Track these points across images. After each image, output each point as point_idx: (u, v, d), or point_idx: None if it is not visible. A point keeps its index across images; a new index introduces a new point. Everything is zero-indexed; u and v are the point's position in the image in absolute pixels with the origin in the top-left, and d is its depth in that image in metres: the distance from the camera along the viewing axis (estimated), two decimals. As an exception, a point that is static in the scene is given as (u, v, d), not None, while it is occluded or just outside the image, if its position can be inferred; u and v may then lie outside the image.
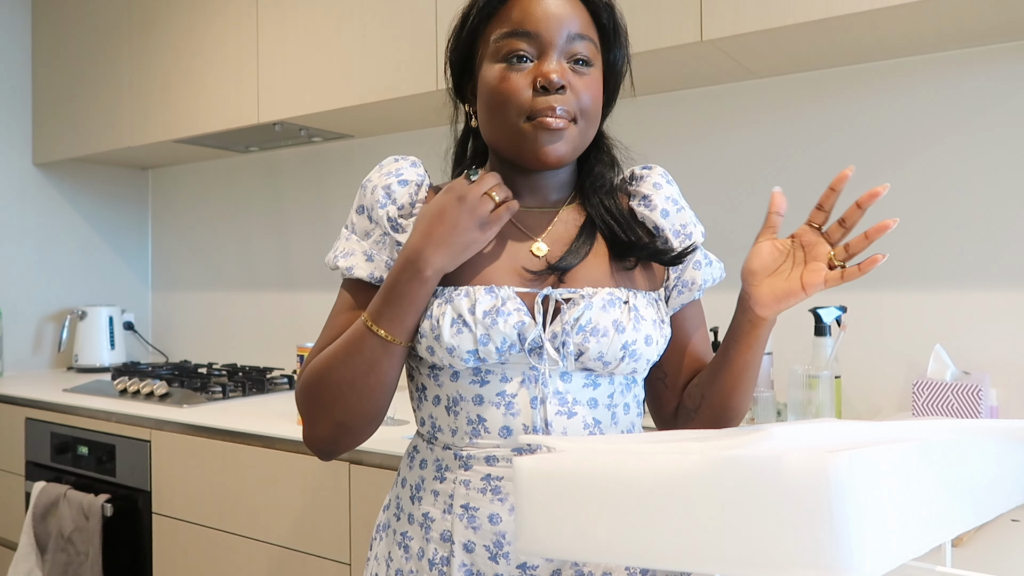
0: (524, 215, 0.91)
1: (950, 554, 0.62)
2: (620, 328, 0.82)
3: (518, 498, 0.59)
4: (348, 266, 0.89)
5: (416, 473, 0.90)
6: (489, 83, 0.85)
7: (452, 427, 0.86)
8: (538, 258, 0.87)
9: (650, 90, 1.83)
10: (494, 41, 0.85)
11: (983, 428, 0.68)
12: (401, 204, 0.89)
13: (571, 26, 0.84)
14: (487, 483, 0.83)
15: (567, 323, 0.81)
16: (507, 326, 0.80)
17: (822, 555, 0.46)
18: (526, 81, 0.83)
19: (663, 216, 0.92)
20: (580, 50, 0.85)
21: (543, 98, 0.83)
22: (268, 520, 1.63)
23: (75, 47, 2.62)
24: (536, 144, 0.84)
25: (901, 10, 1.30)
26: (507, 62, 0.84)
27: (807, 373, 1.45)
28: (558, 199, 0.93)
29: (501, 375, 0.83)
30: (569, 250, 0.87)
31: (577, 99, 0.84)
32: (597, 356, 0.82)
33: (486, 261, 0.86)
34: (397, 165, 0.92)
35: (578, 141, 0.86)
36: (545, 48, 0.84)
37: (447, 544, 0.84)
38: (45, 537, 1.97)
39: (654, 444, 0.63)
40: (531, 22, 0.84)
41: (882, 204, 1.60)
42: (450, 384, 0.85)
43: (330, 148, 2.47)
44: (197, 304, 2.88)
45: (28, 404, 2.16)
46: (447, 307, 0.82)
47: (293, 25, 2.05)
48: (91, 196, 2.90)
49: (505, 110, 0.84)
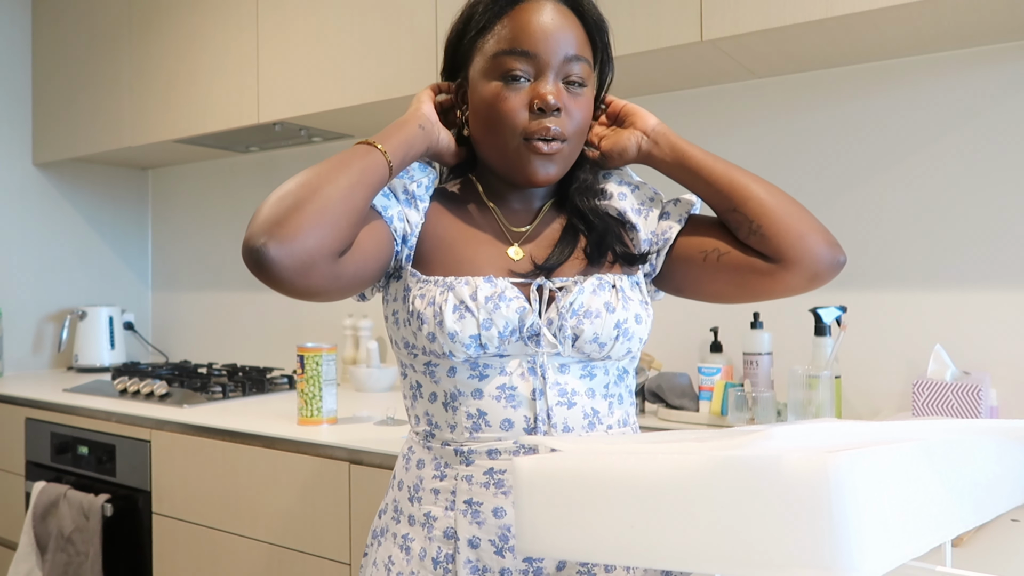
0: (510, 216, 0.94)
1: (950, 554, 0.62)
2: (611, 308, 0.85)
3: (518, 498, 0.59)
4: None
5: (414, 474, 0.89)
6: (486, 100, 0.87)
7: (451, 423, 0.86)
8: (518, 261, 0.90)
9: (650, 90, 1.83)
10: (492, 57, 0.86)
11: (983, 428, 0.68)
12: (419, 181, 0.91)
13: (568, 47, 0.86)
14: (490, 477, 0.83)
15: (563, 307, 0.84)
16: (509, 311, 0.82)
17: (822, 555, 0.46)
18: (522, 101, 0.85)
19: (621, 199, 0.94)
20: (575, 72, 0.87)
21: (539, 120, 0.85)
22: (268, 520, 1.63)
23: (75, 47, 2.62)
24: (528, 166, 0.86)
25: (901, 10, 1.30)
26: (503, 81, 0.86)
27: (807, 373, 1.45)
28: (542, 202, 0.96)
29: (500, 368, 0.85)
30: (553, 252, 0.90)
31: (571, 120, 0.87)
32: (592, 338, 0.84)
33: (476, 262, 0.88)
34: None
35: (567, 160, 0.89)
36: (542, 69, 0.85)
37: (451, 541, 0.84)
38: (45, 537, 1.97)
39: (654, 444, 0.63)
40: (529, 42, 0.85)
41: (883, 204, 1.60)
42: (447, 380, 0.86)
43: (330, 148, 2.47)
44: (197, 304, 2.88)
45: (28, 404, 2.16)
46: (449, 294, 0.83)
47: (293, 25, 2.05)
48: (91, 196, 2.90)
49: (501, 129, 0.86)
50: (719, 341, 1.71)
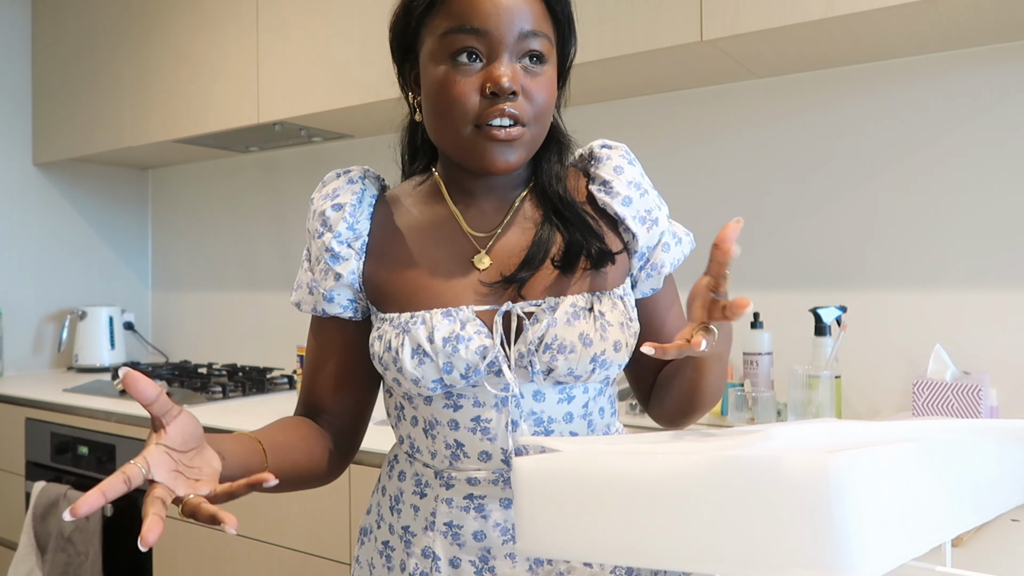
0: (477, 216, 0.85)
1: (950, 554, 0.62)
2: (587, 342, 0.78)
3: (518, 498, 0.59)
4: (296, 301, 0.89)
5: (395, 484, 0.88)
6: (433, 84, 0.78)
7: (431, 450, 0.83)
8: (484, 271, 0.82)
9: (650, 90, 1.83)
10: (440, 36, 0.77)
11: (983, 428, 0.68)
12: (337, 231, 0.83)
13: (523, 22, 0.76)
14: (470, 501, 0.81)
15: (531, 343, 0.77)
16: (468, 352, 0.77)
17: (822, 555, 0.46)
18: (473, 85, 0.76)
19: (625, 204, 0.85)
20: (534, 47, 0.77)
21: (492, 104, 0.75)
22: (268, 520, 1.63)
23: (75, 47, 2.62)
24: (484, 153, 0.77)
25: (901, 10, 1.30)
26: (452, 62, 0.76)
27: (807, 373, 1.45)
28: (514, 195, 0.87)
29: (474, 399, 0.80)
30: (525, 259, 0.81)
31: (530, 103, 0.77)
32: (567, 372, 0.79)
33: (439, 275, 0.81)
34: (335, 185, 0.86)
35: (530, 145, 0.80)
36: (495, 48, 0.76)
37: (428, 560, 0.82)
38: (45, 537, 1.97)
39: (654, 444, 0.63)
40: (479, 17, 0.75)
41: (883, 204, 1.60)
42: (424, 408, 0.83)
43: (330, 148, 2.47)
44: (197, 304, 2.88)
45: (28, 404, 2.16)
46: (405, 337, 0.78)
47: (293, 25, 2.05)
48: (91, 196, 2.90)
49: (450, 116, 0.77)
50: (719, 341, 1.71)
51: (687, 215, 1.37)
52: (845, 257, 1.64)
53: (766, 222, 1.73)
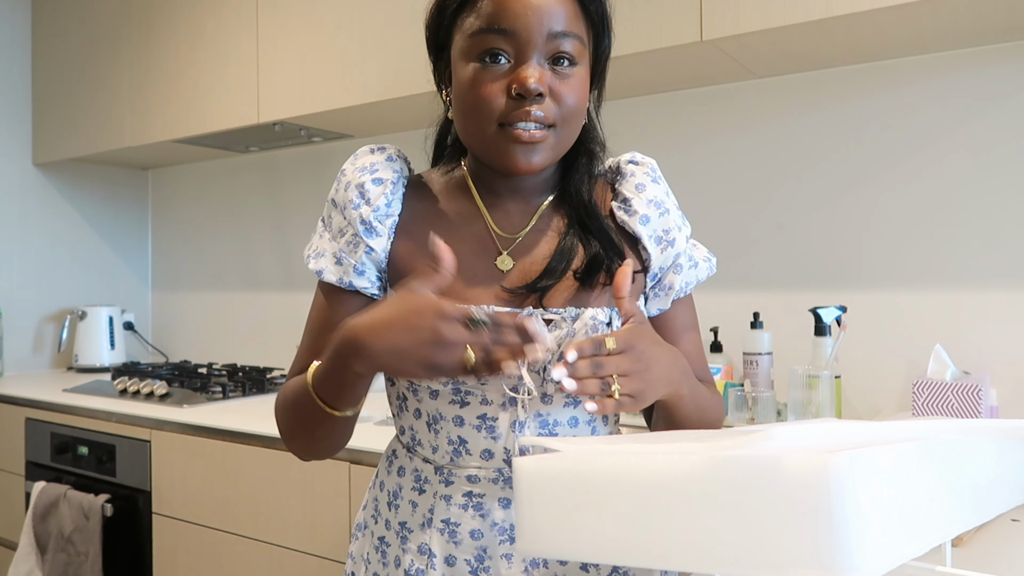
0: (503, 217, 0.85)
1: (950, 554, 0.62)
2: None
3: (518, 498, 0.59)
4: (318, 268, 0.85)
5: (394, 479, 0.88)
6: (461, 84, 0.78)
7: (433, 444, 0.83)
8: (506, 273, 0.82)
9: (650, 90, 1.83)
10: (470, 36, 0.77)
11: (983, 428, 0.68)
12: (376, 206, 0.83)
13: (554, 22, 0.75)
14: (468, 499, 0.81)
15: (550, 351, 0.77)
16: None
17: (822, 555, 0.46)
18: (500, 86, 0.76)
19: (643, 223, 0.85)
20: (564, 48, 0.77)
21: (518, 106, 0.75)
22: (268, 520, 1.63)
23: (75, 47, 2.62)
24: (507, 153, 0.77)
25: (901, 10, 1.30)
26: (480, 62, 0.77)
27: (807, 373, 1.45)
28: (541, 199, 0.87)
29: (482, 397, 0.80)
30: (547, 268, 0.81)
31: (558, 105, 0.77)
32: None
33: (462, 271, 0.80)
34: (372, 159, 0.86)
35: (557, 148, 0.80)
36: (523, 49, 0.75)
37: (424, 557, 0.82)
38: (45, 537, 1.97)
39: (654, 444, 0.63)
40: (508, 18, 0.75)
41: (883, 204, 1.60)
42: (429, 401, 0.82)
43: (330, 148, 2.47)
44: (197, 304, 2.88)
45: (28, 404, 2.16)
46: None
47: (293, 25, 2.05)
48: (91, 196, 2.90)
49: (476, 115, 0.77)
50: (719, 341, 1.71)
51: (686, 215, 1.37)
52: (845, 257, 1.64)
53: (766, 222, 1.73)
